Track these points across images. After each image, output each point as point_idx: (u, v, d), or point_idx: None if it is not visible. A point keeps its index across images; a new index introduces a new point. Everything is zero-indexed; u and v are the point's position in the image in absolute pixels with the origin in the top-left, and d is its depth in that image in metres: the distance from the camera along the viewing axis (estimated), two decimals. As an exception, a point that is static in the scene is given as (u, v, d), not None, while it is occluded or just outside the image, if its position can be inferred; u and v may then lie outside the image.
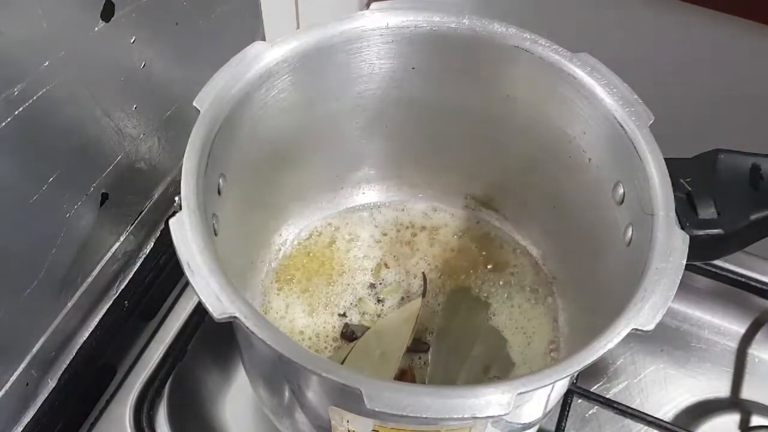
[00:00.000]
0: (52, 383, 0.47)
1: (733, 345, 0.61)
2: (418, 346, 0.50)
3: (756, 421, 0.56)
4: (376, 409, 0.29)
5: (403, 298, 0.52)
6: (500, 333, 0.50)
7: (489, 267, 0.54)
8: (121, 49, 0.44)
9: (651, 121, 0.39)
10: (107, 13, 0.41)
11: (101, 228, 0.48)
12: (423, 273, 0.54)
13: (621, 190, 0.41)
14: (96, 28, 0.41)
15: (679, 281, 0.33)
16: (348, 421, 0.36)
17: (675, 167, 0.38)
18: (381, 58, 0.46)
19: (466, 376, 0.48)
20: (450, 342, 0.50)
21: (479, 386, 0.30)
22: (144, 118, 0.49)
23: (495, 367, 0.49)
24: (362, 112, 0.49)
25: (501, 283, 0.53)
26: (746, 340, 0.61)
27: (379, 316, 0.51)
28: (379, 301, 0.52)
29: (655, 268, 0.34)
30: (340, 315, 0.51)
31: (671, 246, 0.35)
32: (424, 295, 0.52)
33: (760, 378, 0.59)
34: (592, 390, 0.51)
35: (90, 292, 0.49)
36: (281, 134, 0.46)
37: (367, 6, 0.45)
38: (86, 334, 0.50)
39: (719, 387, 0.58)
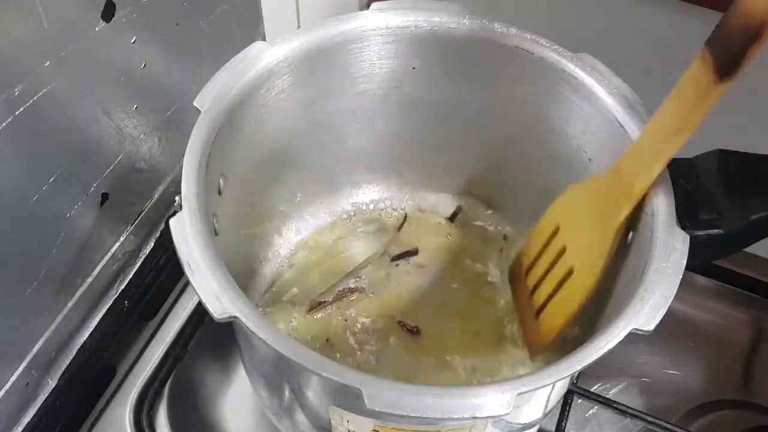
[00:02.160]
0: (52, 383, 0.47)
1: (734, 345, 0.61)
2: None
3: (757, 421, 0.56)
4: (376, 409, 0.29)
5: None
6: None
7: (489, 266, 0.54)
8: (122, 49, 0.44)
9: (651, 122, 0.39)
10: (108, 14, 0.41)
11: (101, 228, 0.48)
12: (405, 214, 0.55)
13: (621, 191, 0.41)
14: (96, 29, 0.41)
15: (679, 282, 0.33)
16: (348, 421, 0.36)
17: (675, 167, 0.38)
18: (381, 58, 0.46)
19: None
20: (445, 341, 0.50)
21: (479, 386, 0.30)
22: (144, 119, 0.49)
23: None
24: (362, 112, 0.50)
25: (500, 282, 0.53)
26: (746, 341, 0.61)
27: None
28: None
29: (656, 268, 0.34)
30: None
31: (671, 246, 0.35)
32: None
33: (760, 378, 0.59)
34: (592, 390, 0.51)
35: (90, 292, 0.49)
36: (282, 134, 0.46)
37: (368, 6, 0.45)
38: (86, 334, 0.50)
39: (720, 387, 0.58)
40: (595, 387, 0.56)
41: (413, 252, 0.53)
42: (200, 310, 0.54)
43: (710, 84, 0.30)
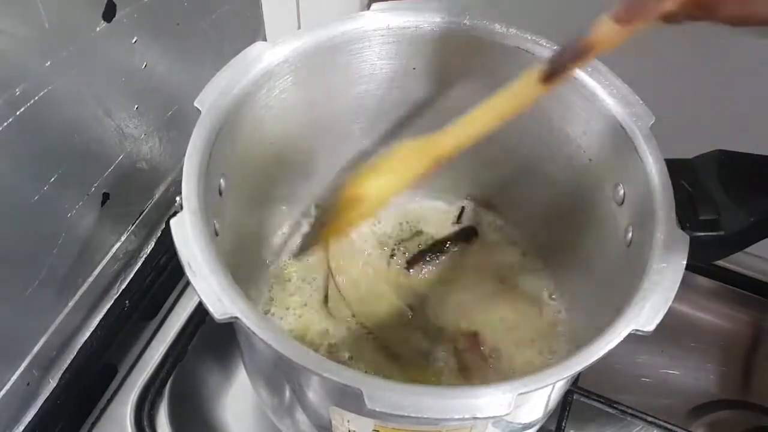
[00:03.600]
0: (53, 383, 0.47)
1: (734, 345, 0.61)
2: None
3: (757, 421, 0.56)
4: (377, 410, 0.29)
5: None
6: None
7: (489, 267, 0.54)
8: (123, 49, 0.44)
9: (652, 122, 0.39)
10: (109, 14, 0.41)
11: (102, 228, 0.48)
12: (462, 207, 0.57)
13: (621, 191, 0.41)
14: (98, 29, 0.41)
15: (679, 282, 0.33)
16: (349, 421, 0.36)
17: (675, 168, 0.38)
18: (382, 59, 0.46)
19: None
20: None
21: (480, 386, 0.30)
22: (145, 119, 0.49)
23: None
24: (363, 113, 0.50)
25: (500, 282, 0.53)
26: (746, 341, 0.61)
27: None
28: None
29: (656, 268, 0.34)
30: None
31: (672, 247, 0.35)
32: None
33: (760, 378, 0.59)
34: (592, 390, 0.51)
35: (91, 292, 0.49)
36: (282, 134, 0.46)
37: (368, 6, 0.45)
38: (87, 334, 0.50)
39: (719, 387, 0.58)
40: (595, 387, 0.56)
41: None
42: (201, 310, 0.54)
43: (536, 84, 0.35)
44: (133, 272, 0.53)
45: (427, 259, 0.54)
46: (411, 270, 0.54)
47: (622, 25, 0.31)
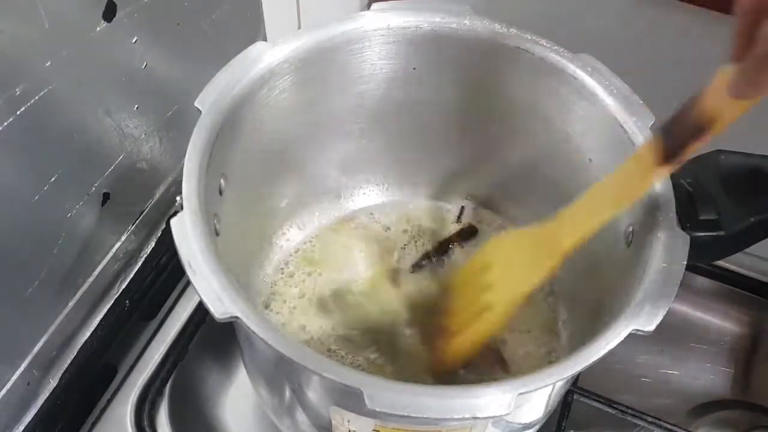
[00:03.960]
0: (53, 383, 0.47)
1: (734, 345, 0.61)
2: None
3: (757, 421, 0.56)
4: (377, 410, 0.29)
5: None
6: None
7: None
8: (123, 49, 0.44)
9: (652, 122, 0.39)
10: (109, 14, 0.41)
11: (102, 228, 0.48)
12: (462, 206, 0.56)
13: (621, 191, 0.41)
14: (98, 28, 0.41)
15: (679, 282, 0.33)
16: (349, 421, 0.36)
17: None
18: (382, 59, 0.46)
19: None
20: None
21: (480, 386, 0.30)
22: (145, 119, 0.49)
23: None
24: (363, 113, 0.50)
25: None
26: (746, 340, 0.61)
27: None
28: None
29: (656, 268, 0.34)
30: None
31: (672, 247, 0.35)
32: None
33: (760, 378, 0.59)
34: (592, 390, 0.51)
35: (91, 292, 0.49)
36: (282, 134, 0.46)
37: (368, 6, 0.45)
38: (87, 334, 0.50)
39: (719, 387, 0.59)
40: (595, 387, 0.56)
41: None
42: (201, 310, 0.54)
43: (653, 166, 0.33)
44: (134, 272, 0.53)
45: (428, 258, 0.54)
46: (411, 270, 0.54)
47: (741, 100, 0.28)
